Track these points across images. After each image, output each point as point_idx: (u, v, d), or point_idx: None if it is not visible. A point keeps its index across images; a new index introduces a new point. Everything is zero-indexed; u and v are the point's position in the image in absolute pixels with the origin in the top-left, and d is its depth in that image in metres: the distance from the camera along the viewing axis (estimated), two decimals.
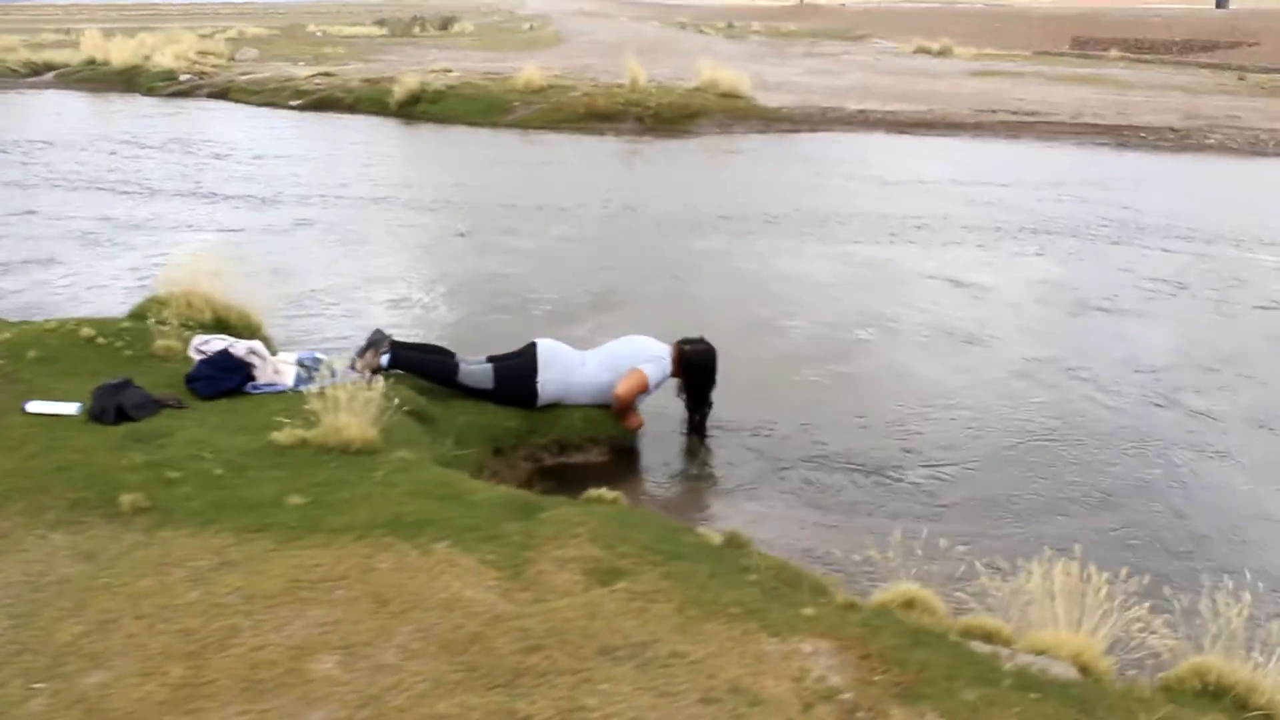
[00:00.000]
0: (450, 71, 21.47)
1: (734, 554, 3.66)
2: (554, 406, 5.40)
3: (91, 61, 23.67)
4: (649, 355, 5.45)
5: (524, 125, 17.35)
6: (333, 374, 4.45)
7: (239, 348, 4.74)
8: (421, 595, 2.96)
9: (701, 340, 5.56)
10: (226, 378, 4.63)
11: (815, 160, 14.16)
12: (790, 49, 29.48)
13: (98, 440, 4.18)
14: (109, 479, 3.80)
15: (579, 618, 2.83)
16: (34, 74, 23.78)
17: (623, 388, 5.31)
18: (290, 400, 4.58)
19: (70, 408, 4.44)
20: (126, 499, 3.59)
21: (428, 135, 17.49)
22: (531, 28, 42.44)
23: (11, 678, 2.65)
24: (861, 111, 16.67)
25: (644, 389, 5.37)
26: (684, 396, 5.57)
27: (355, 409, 4.18)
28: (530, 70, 18.56)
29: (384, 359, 5.22)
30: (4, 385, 4.75)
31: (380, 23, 42.11)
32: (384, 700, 2.51)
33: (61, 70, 23.79)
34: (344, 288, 8.19)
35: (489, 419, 5.23)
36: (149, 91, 21.74)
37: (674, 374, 5.51)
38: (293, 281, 8.16)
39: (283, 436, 4.13)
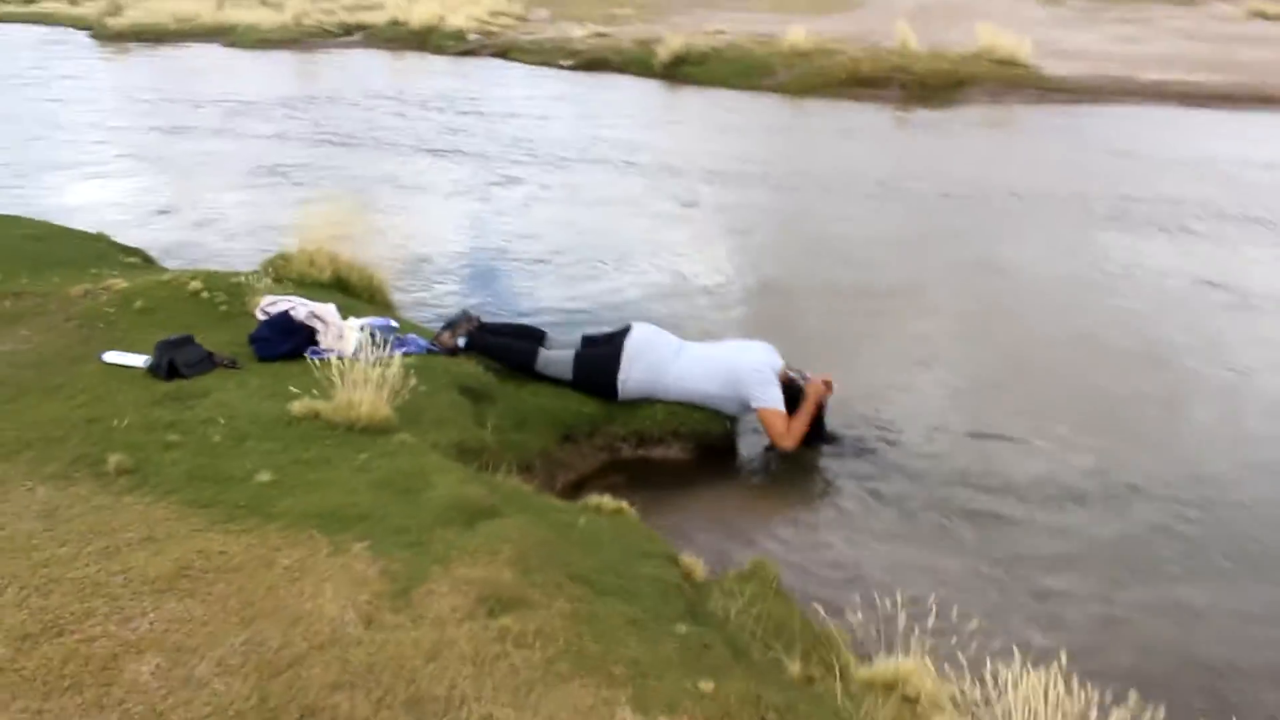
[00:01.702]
0: (723, 33, 21.13)
1: (702, 594, 3.20)
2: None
3: (394, 22, 25.21)
4: (758, 377, 4.90)
5: (784, 90, 16.78)
6: (360, 348, 4.29)
7: (300, 311, 4.70)
8: (284, 603, 2.73)
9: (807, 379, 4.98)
10: (283, 341, 4.59)
11: (1098, 136, 12.73)
12: (1106, 13, 26.84)
13: (142, 395, 4.24)
14: (120, 436, 3.83)
15: (417, 656, 2.50)
16: (346, 34, 25.61)
17: (785, 442, 4.82)
18: (343, 368, 4.46)
19: (140, 360, 4.55)
20: (113, 460, 3.59)
21: (686, 98, 17.31)
22: None
23: None
24: (1156, 83, 14.84)
25: (787, 420, 4.85)
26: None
27: (373, 384, 4.01)
28: (797, 33, 17.91)
29: (461, 341, 5.04)
30: (103, 333, 4.96)
31: None
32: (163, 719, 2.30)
33: (369, 30, 25.47)
34: (594, 255, 8.11)
35: (562, 403, 4.96)
36: (438, 50, 22.89)
37: None
38: (530, 245, 8.25)
39: (298, 407, 4.02)
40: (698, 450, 5.02)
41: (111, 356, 4.61)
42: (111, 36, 27.71)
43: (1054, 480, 4.66)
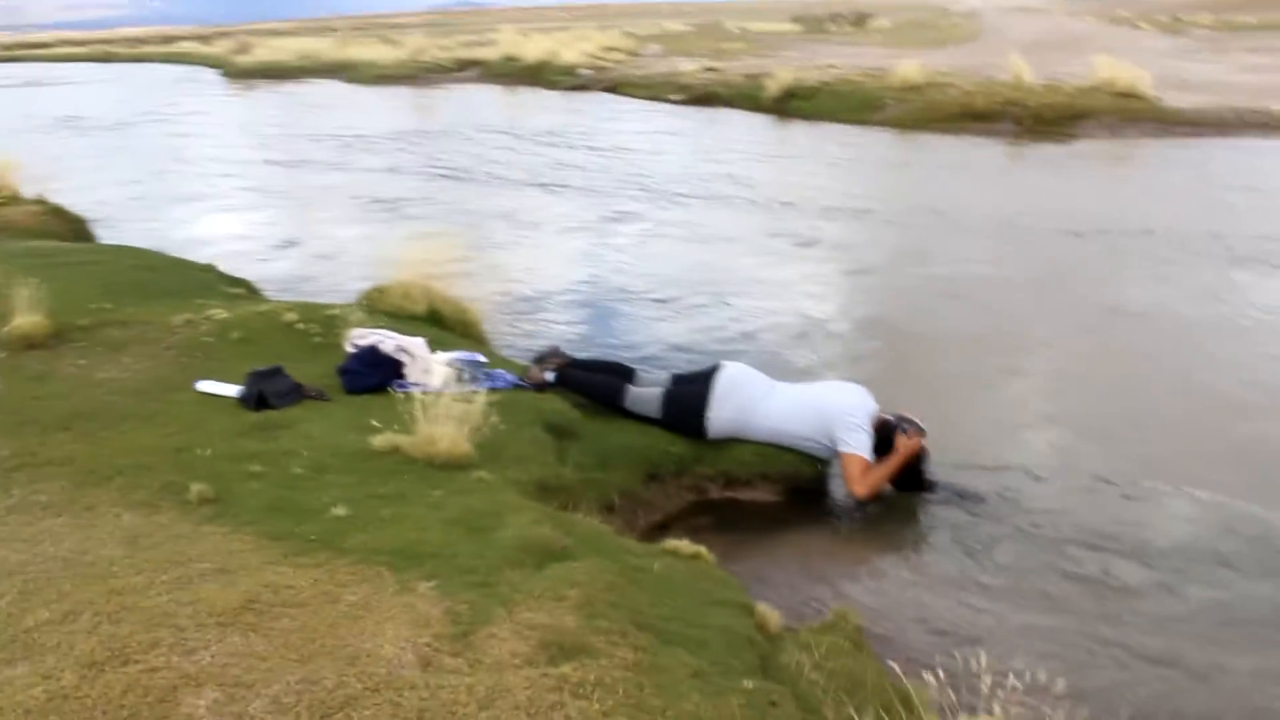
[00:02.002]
0: (833, 67, 21.01)
1: (775, 646, 3.07)
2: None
3: (508, 58, 25.84)
4: (848, 421, 4.70)
5: (894, 124, 16.61)
6: (447, 382, 4.29)
7: (388, 344, 4.73)
8: (344, 641, 2.69)
9: (911, 423, 4.77)
10: (370, 374, 4.62)
11: (1224, 170, 12.21)
12: (1233, 43, 25.90)
13: (231, 425, 4.31)
14: (205, 466, 3.89)
15: (471, 703, 2.43)
16: (461, 69, 26.32)
17: (859, 489, 4.60)
18: (425, 403, 4.45)
19: (232, 390, 4.63)
20: (195, 489, 3.63)
21: (796, 132, 17.23)
22: (953, 24, 40.72)
23: None
24: None
25: (868, 469, 4.66)
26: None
27: (453, 420, 3.99)
28: (908, 67, 17.68)
29: (549, 376, 5.00)
30: (200, 362, 5.08)
31: (796, 19, 42.33)
32: None
33: (483, 66, 26.14)
34: (716, 291, 8.02)
35: (648, 441, 4.87)
36: (550, 85, 23.32)
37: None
38: (640, 281, 8.21)
39: (379, 441, 4.03)
40: (788, 493, 4.88)
41: (205, 385, 4.70)
42: (239, 73, 29.06)
43: (1180, 541, 4.35)
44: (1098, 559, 4.22)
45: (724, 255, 9.20)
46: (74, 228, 8.69)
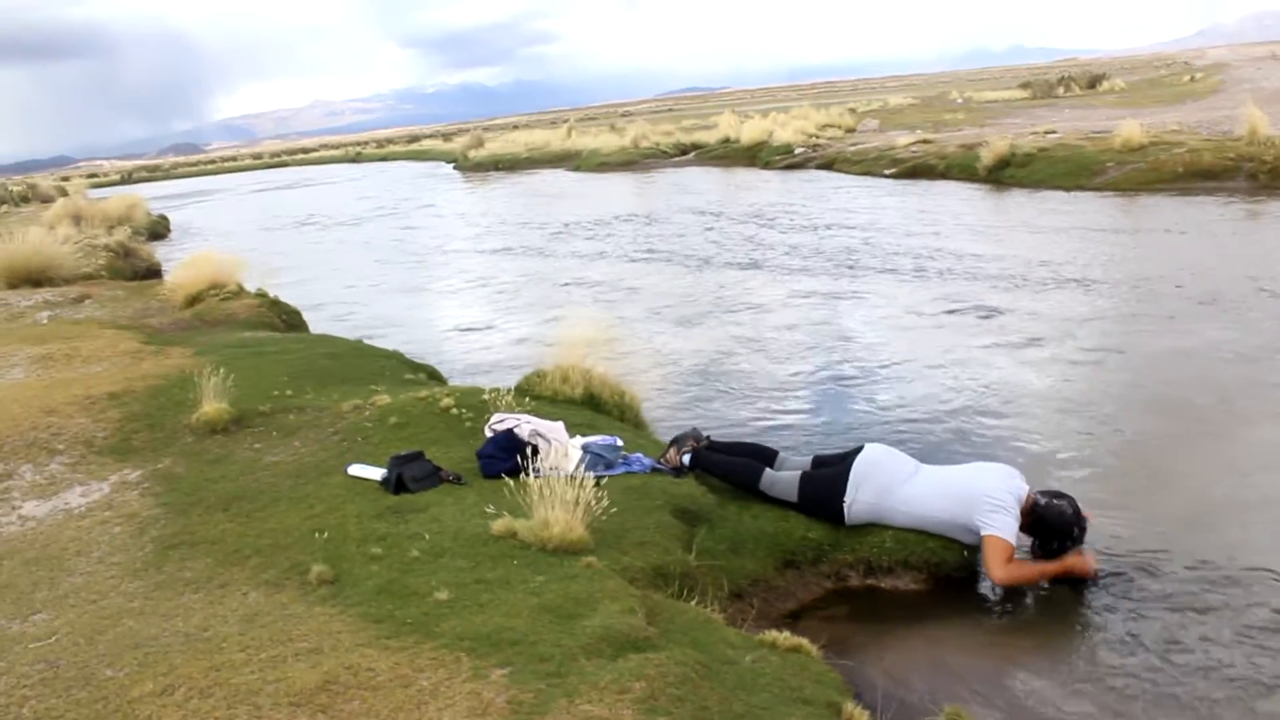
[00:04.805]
0: (1053, 132, 20.19)
1: None
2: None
3: (726, 140, 26.33)
4: (990, 503, 4.38)
5: (1115, 187, 15.75)
6: (555, 468, 4.30)
7: (524, 429, 4.81)
8: None
9: (1061, 496, 4.45)
10: (505, 458, 4.70)
11: None
12: None
13: (368, 508, 4.48)
14: (333, 547, 4.06)
15: None
16: (681, 153, 26.99)
17: (997, 572, 4.30)
18: (546, 488, 4.44)
19: (379, 473, 4.83)
20: (315, 570, 3.79)
21: (1009, 201, 16.58)
22: (1193, 79, 38.37)
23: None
24: None
25: (1011, 554, 4.33)
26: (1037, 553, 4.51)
27: (568, 505, 3.99)
28: (1129, 128, 16.77)
29: (685, 458, 4.95)
30: (359, 446, 5.33)
31: (1024, 85, 41.11)
32: None
33: (702, 149, 26.71)
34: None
35: (785, 527, 4.71)
36: (765, 165, 23.54)
37: (1021, 526, 4.43)
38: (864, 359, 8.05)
39: (498, 526, 4.08)
40: (932, 581, 4.59)
41: (355, 469, 4.92)
42: (472, 167, 30.95)
43: None
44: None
45: (918, 332, 8.84)
46: (288, 318, 9.39)
